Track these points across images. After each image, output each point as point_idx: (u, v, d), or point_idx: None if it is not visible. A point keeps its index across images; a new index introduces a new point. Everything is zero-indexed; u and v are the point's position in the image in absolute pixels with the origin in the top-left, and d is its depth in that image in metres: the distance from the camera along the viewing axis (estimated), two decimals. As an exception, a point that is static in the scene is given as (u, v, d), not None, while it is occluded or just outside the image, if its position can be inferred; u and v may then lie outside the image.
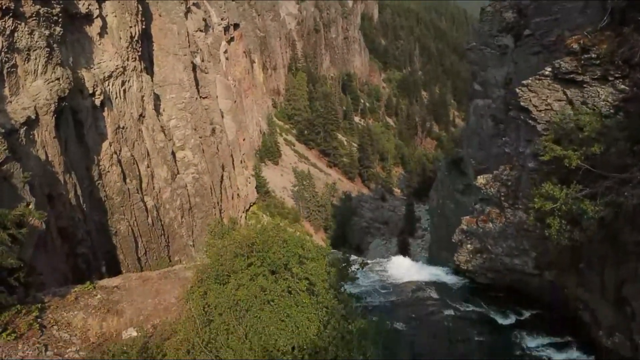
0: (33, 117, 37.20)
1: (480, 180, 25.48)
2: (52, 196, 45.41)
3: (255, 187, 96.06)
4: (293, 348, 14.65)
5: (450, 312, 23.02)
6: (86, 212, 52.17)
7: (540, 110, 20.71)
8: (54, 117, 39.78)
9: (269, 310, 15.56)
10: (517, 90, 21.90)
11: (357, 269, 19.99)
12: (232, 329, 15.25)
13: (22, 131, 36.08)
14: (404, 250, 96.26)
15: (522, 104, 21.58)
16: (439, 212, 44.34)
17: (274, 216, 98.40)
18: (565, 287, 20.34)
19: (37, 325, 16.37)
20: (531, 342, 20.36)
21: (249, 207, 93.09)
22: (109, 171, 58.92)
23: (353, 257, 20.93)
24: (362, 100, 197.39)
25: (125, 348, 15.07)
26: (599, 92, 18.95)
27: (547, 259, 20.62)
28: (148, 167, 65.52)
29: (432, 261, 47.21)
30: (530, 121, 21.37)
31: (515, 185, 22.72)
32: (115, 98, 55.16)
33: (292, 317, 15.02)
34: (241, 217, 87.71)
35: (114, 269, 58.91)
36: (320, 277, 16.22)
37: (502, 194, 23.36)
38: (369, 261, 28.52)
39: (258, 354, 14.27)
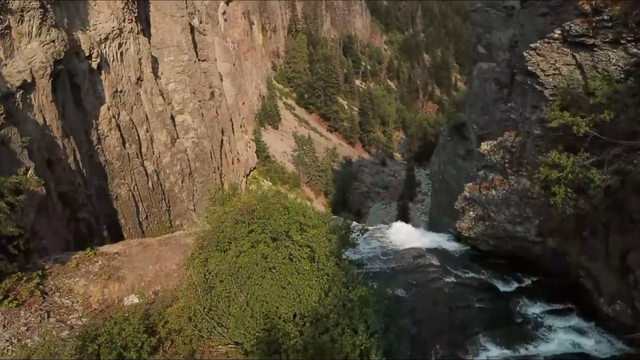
0: (29, 80, 36.58)
1: (484, 147, 25.11)
2: (51, 161, 45.19)
3: (255, 152, 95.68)
4: (294, 315, 14.65)
5: (451, 279, 23.07)
6: (86, 176, 52.06)
7: (548, 75, 20.14)
8: (50, 81, 39.13)
9: (270, 277, 15.50)
10: (525, 54, 21.25)
11: (358, 235, 19.87)
12: (234, 296, 15.21)
13: (18, 95, 35.52)
14: (403, 215, 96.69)
15: (529, 68, 20.99)
16: (440, 177, 44.12)
17: (275, 181, 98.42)
18: (567, 255, 20.25)
19: (39, 292, 16.34)
20: (532, 309, 20.40)
21: (249, 172, 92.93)
22: (107, 135, 58.49)
23: (354, 223, 20.80)
24: (363, 63, 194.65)
25: (127, 315, 15.04)
26: (610, 56, 18.35)
27: (550, 227, 20.45)
28: (147, 131, 65.00)
29: (432, 226, 47.26)
30: (537, 86, 20.83)
31: (519, 152, 22.35)
32: (112, 61, 54.19)
33: (293, 285, 14.97)
34: (242, 182, 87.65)
35: (116, 234, 59.37)
36: (321, 245, 16.09)
37: (506, 160, 23.03)
38: (369, 227, 28.46)
39: (259, 321, 14.27)
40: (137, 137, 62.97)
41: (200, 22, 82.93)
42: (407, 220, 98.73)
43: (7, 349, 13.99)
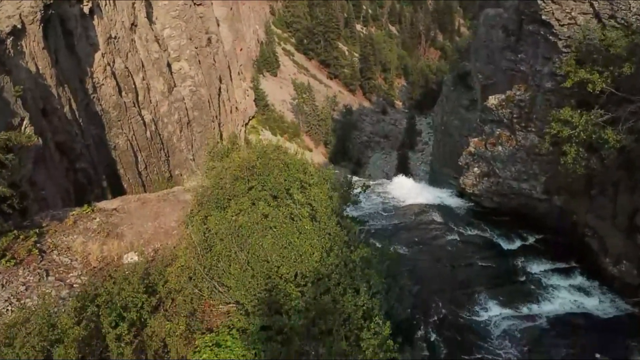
0: (19, 26, 35.26)
1: (492, 101, 24.28)
2: (46, 110, 44.38)
3: (254, 100, 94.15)
4: (296, 275, 14.45)
5: (454, 236, 22.86)
6: (83, 126, 51.36)
7: (562, 25, 19.04)
8: (41, 27, 37.77)
9: (271, 236, 15.21)
10: (539, 2, 20.05)
11: (359, 192, 19.47)
12: (234, 255, 14.97)
13: (9, 42, 34.32)
14: (404, 165, 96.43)
15: (543, 17, 19.84)
16: (442, 128, 43.35)
17: (274, 130, 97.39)
18: (574, 213, 19.90)
19: (37, 250, 16.09)
20: (535, 267, 20.22)
21: (248, 121, 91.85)
22: (103, 84, 57.23)
23: (355, 178, 20.37)
24: (364, 7, 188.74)
25: (127, 274, 14.85)
26: (630, 4, 17.24)
27: (557, 184, 19.98)
28: (143, 79, 63.61)
29: (434, 178, 46.91)
30: (550, 37, 19.76)
31: (529, 107, 21.51)
32: (105, 5, 52.24)
33: (294, 245, 14.68)
34: (240, 131, 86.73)
35: (115, 184, 59.24)
36: (322, 204, 15.71)
37: (515, 116, 22.22)
38: (371, 182, 28.05)
39: (260, 282, 14.08)
40: (133, 86, 61.70)
41: (196, -36, 79.51)
42: (407, 171, 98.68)
43: (7, 309, 13.87)
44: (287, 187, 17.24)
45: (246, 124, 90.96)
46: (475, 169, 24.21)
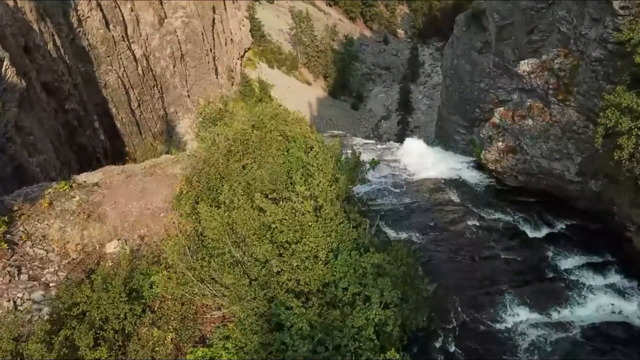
0: (-13, -42, 31.67)
1: (524, 66, 21.19)
2: (28, 48, 41.66)
3: (250, 31, 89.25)
4: (298, 282, 12.79)
5: (474, 221, 20.49)
6: (69, 63, 48.58)
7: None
8: (12, -43, 34.10)
9: (269, 236, 13.39)
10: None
11: (368, 169, 17.41)
12: (228, 257, 13.24)
13: (-24, -24, 30.95)
14: (406, 98, 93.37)
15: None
16: (452, 72, 40.50)
17: (271, 63, 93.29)
18: (614, 204, 17.55)
19: (5, 244, 14.28)
20: (565, 261, 18.08)
21: (244, 53, 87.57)
22: (88, 16, 53.57)
23: (362, 156, 18.16)
24: None
25: (107, 275, 13.20)
26: None
27: (595, 167, 17.35)
28: (132, 10, 59.55)
29: (441, 127, 44.41)
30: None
31: (569, 78, 18.58)
32: None
33: (296, 248, 12.88)
34: (236, 64, 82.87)
35: (108, 124, 57.07)
36: (328, 196, 13.73)
37: (550, 86, 19.18)
38: (379, 146, 25.69)
39: (258, 292, 12.46)
40: (121, 18, 57.88)
41: None
42: (409, 106, 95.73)
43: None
44: (288, 170, 15.22)
45: (242, 57, 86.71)
46: (500, 143, 21.56)
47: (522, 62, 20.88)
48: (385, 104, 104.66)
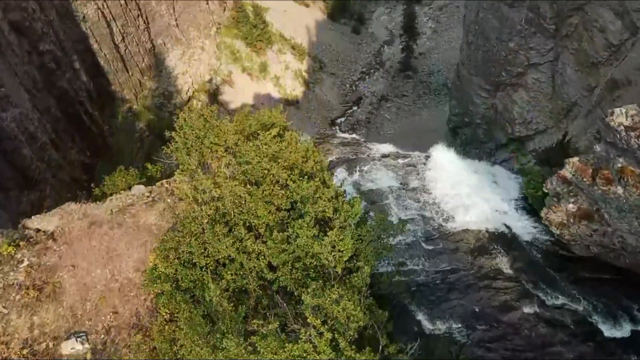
0: None
1: (619, 118, 15.14)
2: (-11, -16, 36.65)
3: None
4: None
5: (533, 307, 16.38)
6: (40, -2, 43.27)
7: None
8: None
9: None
10: None
11: (395, 234, 13.72)
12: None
13: None
14: (410, 22, 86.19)
15: None
16: (476, 27, 35.11)
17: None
18: None
19: None
20: None
21: (236, -27, 79.12)
22: None
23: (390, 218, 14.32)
24: None
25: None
26: None
27: None
28: None
29: (458, 87, 39.42)
30: None
31: None
32: None
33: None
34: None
35: (90, 63, 52.42)
36: (353, 324, 10.22)
37: None
38: (399, 161, 21.23)
39: None
40: (96, -64, 50.82)
41: None
42: (414, 30, 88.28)
43: None
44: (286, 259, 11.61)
45: (233, -23, 78.52)
46: (570, 204, 17.08)
47: (616, 110, 15.22)
48: (388, 26, 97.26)
